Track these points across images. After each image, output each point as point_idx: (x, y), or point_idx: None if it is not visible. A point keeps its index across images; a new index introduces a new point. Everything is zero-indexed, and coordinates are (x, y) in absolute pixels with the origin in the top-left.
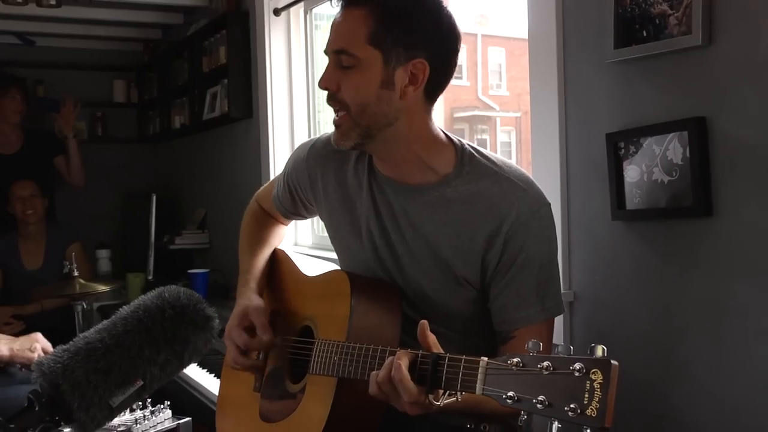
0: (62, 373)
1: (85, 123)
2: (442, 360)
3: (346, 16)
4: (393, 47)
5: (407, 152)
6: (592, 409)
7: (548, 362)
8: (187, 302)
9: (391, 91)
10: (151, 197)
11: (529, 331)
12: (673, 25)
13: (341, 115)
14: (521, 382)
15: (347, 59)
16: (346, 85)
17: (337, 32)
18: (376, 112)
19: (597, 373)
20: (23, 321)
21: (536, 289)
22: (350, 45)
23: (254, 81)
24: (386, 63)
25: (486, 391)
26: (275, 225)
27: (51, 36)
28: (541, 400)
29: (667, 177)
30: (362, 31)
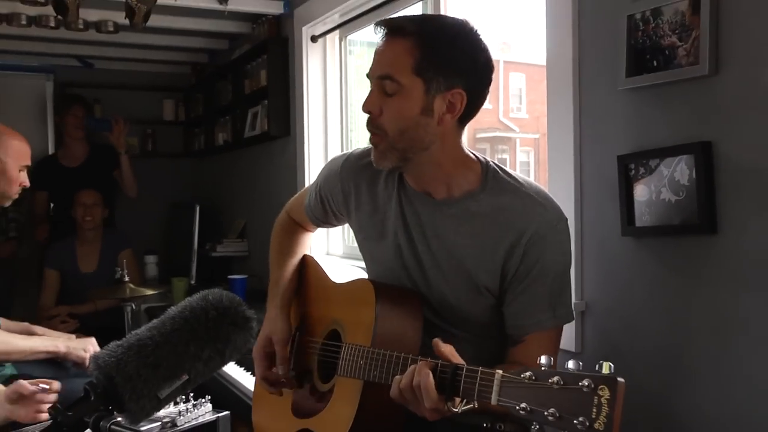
0: (116, 367)
1: (137, 139)
2: (461, 370)
3: (391, 44)
4: (434, 77)
5: (439, 172)
6: (600, 422)
7: (558, 377)
8: (229, 304)
9: (429, 118)
10: (195, 208)
11: (539, 336)
12: (681, 55)
13: (378, 138)
14: (533, 395)
15: (391, 86)
16: (387, 109)
17: (382, 59)
18: (414, 137)
19: (604, 389)
20: (77, 320)
21: (549, 298)
22: (395, 72)
23: (292, 102)
24: (427, 91)
25: (501, 402)
26: (303, 234)
27: (108, 59)
28: (552, 412)
29: (674, 197)
30: (407, 60)
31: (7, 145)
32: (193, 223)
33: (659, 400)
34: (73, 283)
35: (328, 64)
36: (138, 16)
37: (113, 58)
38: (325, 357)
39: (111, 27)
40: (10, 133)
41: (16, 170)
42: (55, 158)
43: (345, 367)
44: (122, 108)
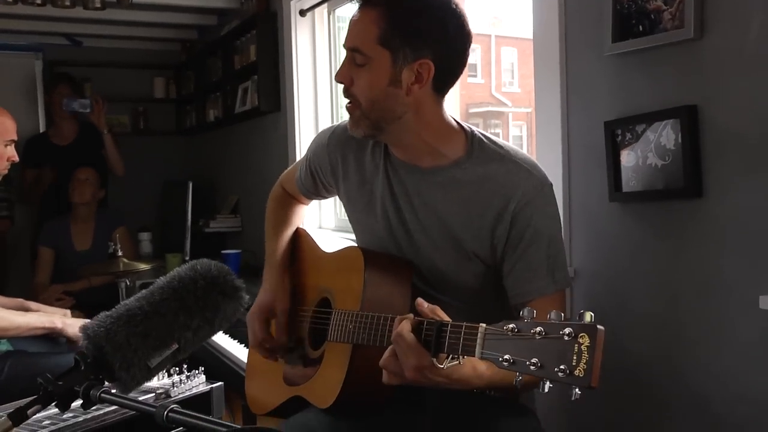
0: (105, 336)
1: (128, 117)
2: (445, 327)
3: (361, 15)
4: (400, 48)
5: (417, 140)
6: (580, 369)
7: (540, 327)
8: (218, 274)
9: (398, 89)
10: (188, 185)
11: (542, 302)
12: (667, 19)
13: (351, 107)
14: (516, 346)
15: (360, 57)
16: (357, 81)
17: (352, 31)
18: (384, 108)
19: (584, 336)
20: (73, 297)
21: (546, 262)
22: (362, 44)
23: (282, 77)
24: (394, 62)
25: (484, 354)
26: (297, 206)
27: (97, 37)
28: (534, 362)
29: (660, 161)
30: (374, 31)
31: None
32: (186, 199)
33: (647, 362)
34: (68, 261)
35: (317, 39)
36: None
37: (102, 35)
38: (316, 325)
39: (98, 3)
40: None
41: (2, 145)
42: (45, 136)
43: (335, 332)
44: (113, 86)
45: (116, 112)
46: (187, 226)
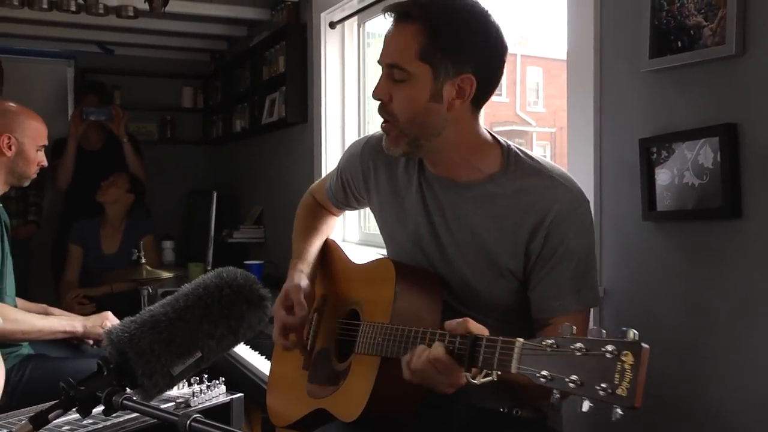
0: (129, 342)
1: (155, 125)
2: (480, 341)
3: (398, 30)
4: (442, 62)
5: (454, 156)
6: (623, 389)
7: (581, 344)
8: (243, 282)
9: (438, 104)
10: (212, 194)
11: (565, 320)
12: (707, 36)
13: (388, 124)
14: (555, 362)
15: (399, 73)
16: (397, 97)
17: (389, 46)
18: (424, 124)
19: (628, 355)
20: (94, 302)
21: (573, 280)
22: (402, 60)
23: (310, 88)
24: (435, 78)
25: (521, 369)
26: (327, 215)
27: (128, 46)
28: (574, 379)
29: (697, 180)
30: (414, 46)
31: (25, 126)
32: (210, 209)
33: (678, 385)
34: (94, 262)
35: (346, 51)
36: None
37: (133, 44)
38: (343, 336)
39: (131, 12)
40: (26, 113)
41: (34, 150)
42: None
43: (362, 344)
44: (142, 94)
45: (144, 120)
46: (211, 235)
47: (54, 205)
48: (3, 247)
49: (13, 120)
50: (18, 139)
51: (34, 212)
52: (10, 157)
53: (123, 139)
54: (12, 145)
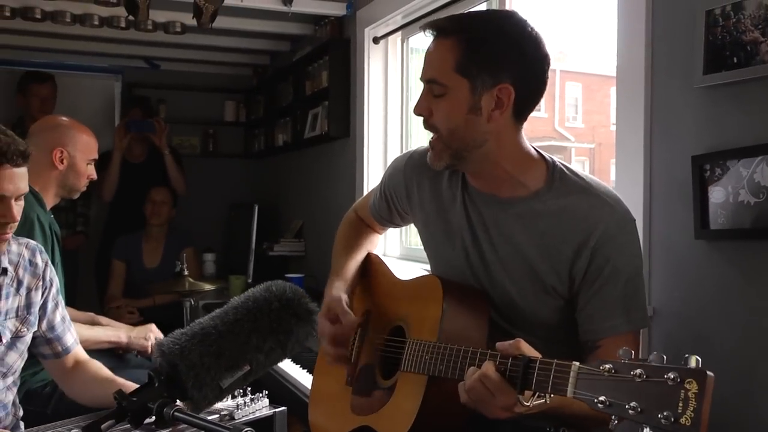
0: (180, 354)
1: (198, 139)
2: (534, 363)
3: (436, 45)
4: (478, 74)
5: (497, 170)
6: (687, 417)
7: (641, 370)
8: (293, 296)
9: (478, 116)
10: (254, 207)
11: (615, 341)
12: (765, 51)
13: (434, 138)
14: (613, 388)
15: (437, 88)
16: (437, 111)
17: (428, 62)
18: (465, 136)
19: (692, 383)
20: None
21: (622, 301)
22: (439, 74)
23: (352, 103)
24: (473, 90)
25: (577, 394)
26: (370, 232)
27: (173, 60)
28: (633, 406)
29: (754, 199)
30: (449, 60)
31: (76, 140)
32: (252, 222)
33: (731, 410)
34: (136, 275)
35: (390, 66)
36: (205, 15)
37: (178, 59)
38: (388, 353)
39: (178, 28)
40: (78, 127)
41: (84, 164)
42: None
43: (409, 362)
44: (185, 108)
45: (187, 134)
46: (251, 248)
47: (99, 217)
48: (54, 258)
49: (66, 134)
50: (70, 152)
51: (82, 222)
52: (62, 170)
53: (164, 151)
54: (64, 158)
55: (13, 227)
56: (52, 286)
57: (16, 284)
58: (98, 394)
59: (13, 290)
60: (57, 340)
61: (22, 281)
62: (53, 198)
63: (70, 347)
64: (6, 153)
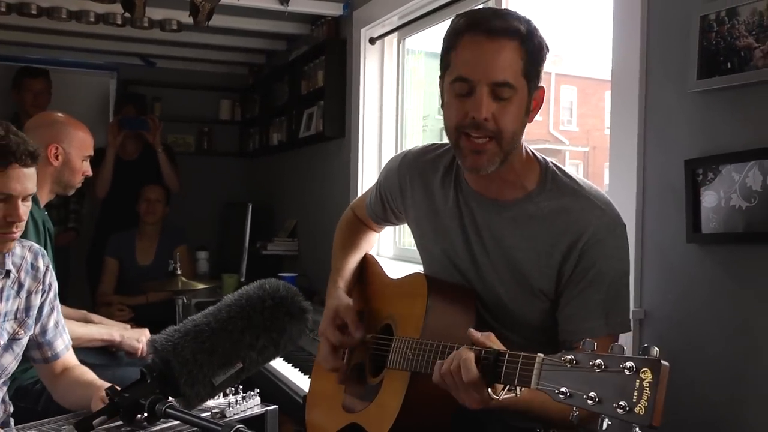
0: (173, 351)
1: (193, 137)
2: (503, 356)
3: (499, 46)
4: (533, 78)
5: (511, 172)
6: (641, 407)
7: (600, 360)
8: (286, 294)
9: (527, 117)
10: (248, 206)
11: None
12: (758, 57)
13: (485, 142)
14: (574, 379)
15: (507, 91)
16: (503, 114)
17: (495, 63)
18: (518, 138)
19: (647, 372)
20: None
21: (603, 304)
22: (512, 77)
23: (348, 103)
24: (530, 92)
25: (540, 385)
26: (366, 231)
27: (169, 58)
28: (592, 396)
29: (745, 203)
30: (519, 63)
31: (72, 136)
32: (246, 221)
33: (722, 413)
34: (130, 273)
35: (386, 67)
36: (202, 13)
37: (174, 57)
38: (377, 351)
39: (174, 25)
40: (73, 123)
41: (80, 160)
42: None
43: (394, 359)
44: (181, 106)
45: (182, 132)
46: (245, 247)
47: (91, 214)
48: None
49: (61, 130)
50: (65, 149)
51: (74, 219)
52: (57, 166)
53: (158, 148)
54: (59, 155)
55: (20, 228)
56: (51, 290)
57: (17, 287)
58: (80, 396)
59: (13, 293)
60: (47, 345)
61: (23, 284)
62: (47, 194)
63: (59, 353)
64: (15, 152)
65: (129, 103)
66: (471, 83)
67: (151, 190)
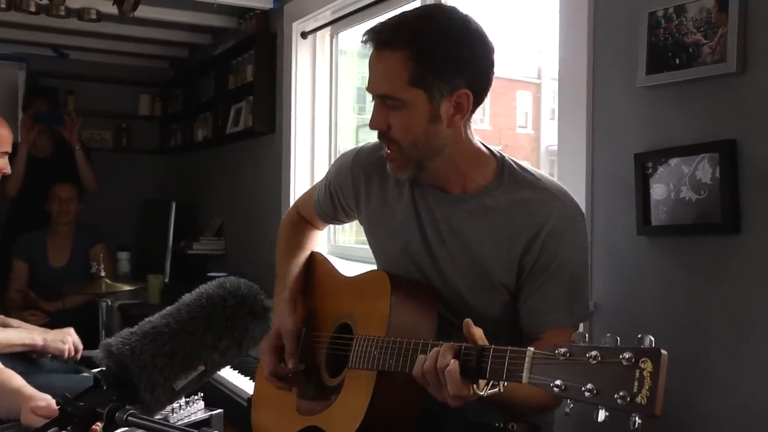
0: (131, 355)
1: (110, 133)
2: (487, 351)
3: (383, 58)
4: (434, 84)
5: (455, 170)
6: (642, 396)
7: (596, 351)
8: (248, 292)
9: (438, 124)
10: (171, 204)
11: (556, 333)
12: (706, 53)
13: (391, 152)
14: (568, 371)
15: (392, 102)
16: (395, 124)
17: (377, 76)
18: (427, 145)
19: (647, 362)
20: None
21: (566, 295)
22: (393, 90)
23: (278, 98)
24: (431, 100)
25: (533, 380)
26: (311, 230)
27: (84, 50)
28: (589, 388)
29: (695, 195)
30: (402, 74)
31: None
32: (169, 220)
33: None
34: (42, 276)
35: (318, 62)
36: (127, 3)
37: (90, 48)
38: (334, 351)
39: (94, 15)
40: None
41: None
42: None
43: (357, 359)
44: (97, 101)
45: (98, 127)
46: (169, 247)
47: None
48: None
49: None
50: None
51: None
52: None
53: (75, 146)
54: None
55: None
56: None
57: None
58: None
59: None
60: None
61: None
62: None
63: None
64: None
65: (40, 97)
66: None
67: (63, 188)
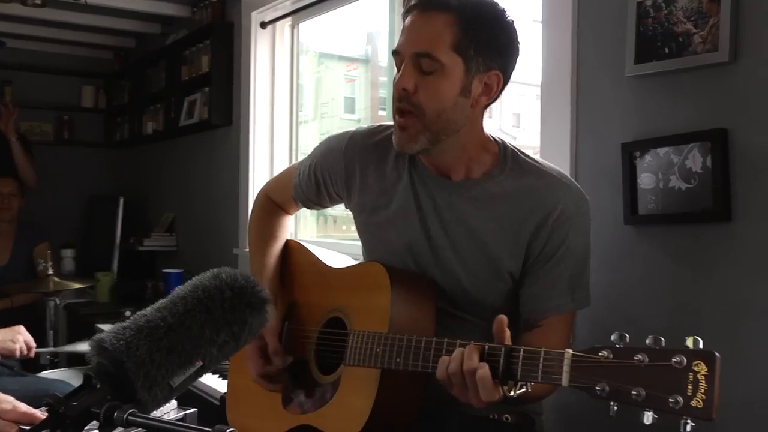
0: (126, 351)
1: (51, 125)
2: (516, 352)
3: (429, 17)
4: (474, 56)
5: (462, 154)
6: (698, 400)
7: (644, 354)
8: (245, 284)
9: (466, 99)
10: (118, 200)
11: (557, 320)
12: (697, 42)
13: (408, 118)
14: (613, 374)
15: (430, 64)
16: (425, 88)
17: (418, 33)
18: (449, 119)
19: (701, 365)
20: None
21: (569, 281)
22: (434, 49)
23: (236, 90)
24: (467, 71)
25: (574, 383)
26: (283, 217)
27: (22, 38)
28: (639, 392)
29: (685, 184)
30: (448, 36)
31: None
32: (116, 216)
33: None
34: None
35: (277, 53)
36: None
37: (28, 36)
38: (325, 347)
39: (38, 0)
40: None
41: None
42: None
43: (355, 355)
44: (36, 92)
45: (38, 119)
46: (116, 243)
47: None
48: None
49: None
50: None
51: None
52: None
53: (12, 137)
54: None
55: None
56: None
57: None
58: None
59: None
60: None
61: None
62: None
63: None
64: None
65: None
66: (401, 56)
67: (3, 183)
